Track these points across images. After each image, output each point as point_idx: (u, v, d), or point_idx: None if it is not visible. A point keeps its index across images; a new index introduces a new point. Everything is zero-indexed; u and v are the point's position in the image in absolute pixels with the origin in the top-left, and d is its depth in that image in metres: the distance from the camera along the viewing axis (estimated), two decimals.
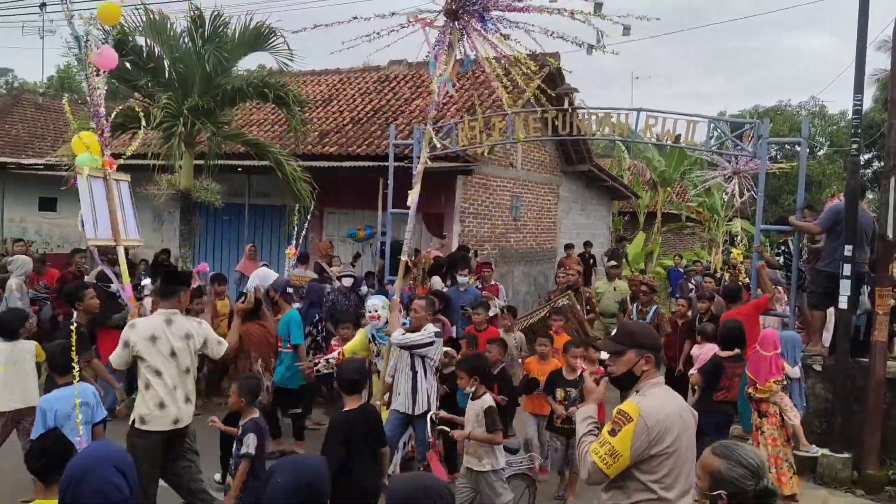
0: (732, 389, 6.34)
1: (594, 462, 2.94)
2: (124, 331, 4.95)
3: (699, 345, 7.36)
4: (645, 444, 2.90)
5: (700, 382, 6.50)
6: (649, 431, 2.89)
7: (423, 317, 6.03)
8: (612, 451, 2.91)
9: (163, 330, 4.91)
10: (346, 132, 13.86)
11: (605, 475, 2.93)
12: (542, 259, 15.71)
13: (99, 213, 5.48)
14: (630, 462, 2.91)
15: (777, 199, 29.50)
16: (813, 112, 34.75)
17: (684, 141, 9.14)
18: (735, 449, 2.48)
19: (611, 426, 2.97)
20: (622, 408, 2.99)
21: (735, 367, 6.35)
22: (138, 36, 10.72)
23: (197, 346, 5.10)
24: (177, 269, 6.04)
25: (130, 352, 4.87)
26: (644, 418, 2.90)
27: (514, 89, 13.50)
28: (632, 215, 23.34)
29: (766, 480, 2.39)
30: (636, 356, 3.11)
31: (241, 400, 4.89)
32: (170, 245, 13.53)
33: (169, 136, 10.03)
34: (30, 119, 22.24)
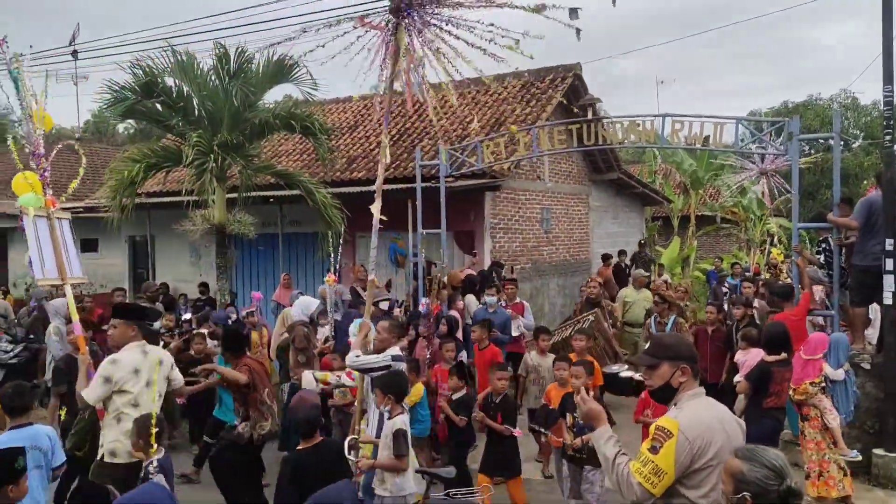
0: (782, 395, 6.17)
1: (640, 483, 2.86)
2: (104, 367, 4.89)
3: (743, 351, 7.16)
4: (688, 459, 2.84)
5: (748, 390, 6.32)
6: (691, 445, 2.83)
7: (387, 339, 5.78)
8: (657, 470, 2.84)
9: (141, 361, 4.98)
10: (373, 157, 14.00)
11: (652, 495, 2.86)
12: (577, 270, 15.60)
13: (45, 253, 5.49)
14: (675, 478, 2.85)
15: (814, 195, 28.94)
16: (845, 104, 34.10)
17: (713, 143, 9.04)
18: (758, 451, 2.47)
19: (651, 443, 2.90)
20: (661, 423, 2.93)
21: (783, 371, 6.19)
22: (167, 77, 11.02)
23: (167, 372, 5.18)
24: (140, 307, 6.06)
25: (111, 388, 4.84)
26: (684, 432, 2.84)
27: (537, 103, 13.56)
28: (665, 220, 23.08)
29: (789, 481, 2.36)
30: (671, 368, 3.05)
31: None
32: (207, 278, 13.75)
33: (201, 172, 10.25)
34: (67, 164, 22.88)
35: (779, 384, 6.14)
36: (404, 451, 4.88)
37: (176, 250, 15.66)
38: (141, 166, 10.75)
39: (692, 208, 20.77)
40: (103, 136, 38.30)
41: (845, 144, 29.37)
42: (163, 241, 15.80)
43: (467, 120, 13.96)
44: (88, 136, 34.74)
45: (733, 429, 3.02)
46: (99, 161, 22.57)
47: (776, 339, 6.28)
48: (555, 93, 13.71)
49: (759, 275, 15.87)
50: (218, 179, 10.68)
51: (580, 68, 14.24)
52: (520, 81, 14.51)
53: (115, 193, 10.74)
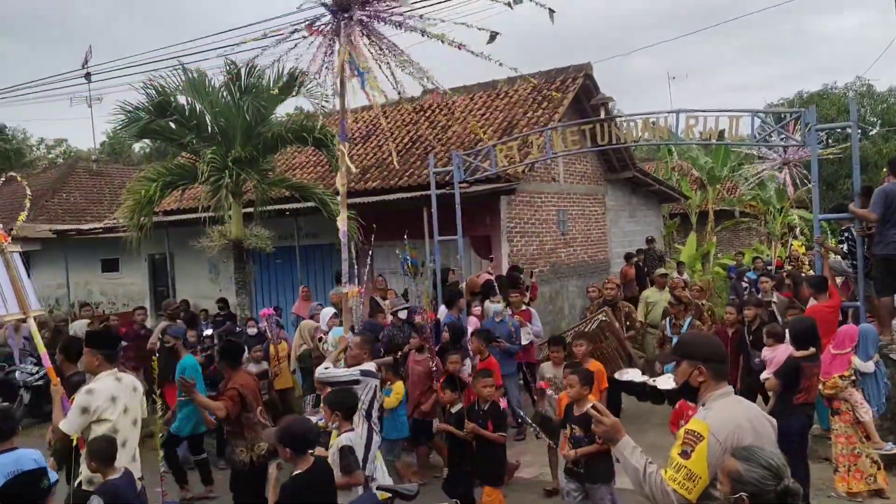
0: (811, 390, 6.08)
1: (675, 490, 2.81)
2: (82, 397, 4.82)
3: (770, 348, 7.02)
4: (720, 461, 2.78)
5: (777, 387, 6.22)
6: (722, 446, 2.79)
7: (359, 354, 5.73)
8: (690, 475, 2.79)
9: (117, 388, 4.94)
10: (386, 166, 14.02)
11: (689, 500, 2.81)
12: (596, 271, 15.50)
13: (5, 289, 5.43)
14: (709, 481, 2.80)
15: (834, 185, 28.59)
16: (860, 92, 33.68)
17: (729, 137, 8.94)
18: (755, 451, 2.46)
19: (681, 448, 2.86)
20: (691, 427, 2.89)
21: (812, 366, 6.09)
22: (179, 95, 11.10)
23: (141, 397, 5.17)
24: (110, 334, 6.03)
25: (90, 418, 4.79)
26: (714, 434, 2.81)
27: (549, 104, 13.51)
28: (683, 217, 22.89)
29: (787, 481, 2.34)
30: (689, 367, 3.06)
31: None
32: (227, 294, 13.82)
33: (216, 188, 10.30)
34: (85, 185, 23.18)
35: (808, 379, 6.04)
36: (354, 465, 4.80)
37: (195, 267, 15.77)
38: (157, 185, 10.82)
39: (710, 203, 20.58)
40: (119, 156, 38.75)
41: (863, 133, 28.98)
42: (182, 258, 15.92)
43: (479, 125, 13.94)
44: (105, 157, 35.15)
45: (763, 426, 2.97)
46: (116, 181, 22.85)
47: (804, 334, 6.18)
48: (566, 94, 13.66)
49: (782, 268, 15.68)
50: (233, 195, 10.72)
51: (591, 68, 14.17)
52: (531, 84, 14.47)
53: (132, 213, 10.81)
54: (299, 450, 4.29)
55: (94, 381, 5.01)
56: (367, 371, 5.60)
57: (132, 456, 4.94)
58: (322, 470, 4.39)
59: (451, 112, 14.93)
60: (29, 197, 7.12)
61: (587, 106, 14.15)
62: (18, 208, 20.66)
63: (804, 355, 6.10)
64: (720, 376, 3.05)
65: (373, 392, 5.60)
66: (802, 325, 6.34)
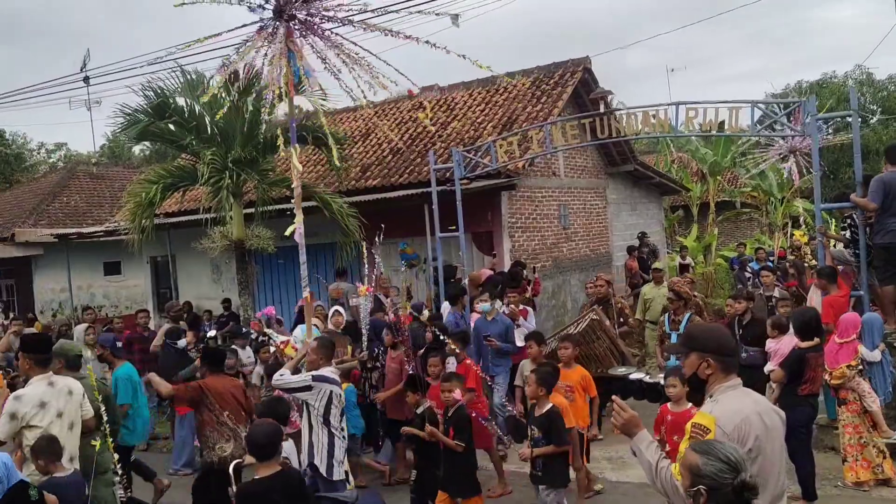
0: (817, 381, 6.09)
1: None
2: (10, 403, 4.87)
3: (774, 339, 7.02)
4: None
5: (783, 378, 6.21)
6: (729, 438, 2.79)
7: (316, 360, 5.70)
8: None
9: (48, 393, 4.97)
10: (386, 163, 14.01)
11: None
12: (598, 265, 15.49)
13: None
14: None
15: (836, 174, 28.52)
16: (860, 80, 33.60)
17: (728, 128, 8.92)
18: (714, 445, 2.47)
19: (689, 441, 2.85)
20: (697, 420, 2.91)
21: (817, 357, 6.09)
22: (178, 97, 11.09)
23: (80, 400, 5.18)
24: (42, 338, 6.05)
25: (19, 423, 4.84)
26: (721, 427, 2.81)
27: (548, 99, 13.49)
28: (685, 209, 22.87)
29: (744, 475, 2.34)
30: (697, 360, 3.05)
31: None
32: (230, 294, 13.83)
33: (217, 189, 10.30)
34: (86, 189, 23.19)
35: (813, 370, 6.04)
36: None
37: (197, 268, 15.77)
38: (158, 187, 10.82)
39: (711, 195, 20.56)
40: (120, 159, 38.75)
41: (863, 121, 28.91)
42: (184, 259, 15.92)
43: (479, 121, 13.93)
44: (105, 160, 35.16)
45: (772, 419, 2.97)
46: (117, 184, 22.86)
47: (808, 325, 6.18)
48: (565, 88, 13.63)
49: (785, 258, 15.66)
50: (234, 196, 10.72)
51: (590, 62, 14.15)
52: (529, 79, 14.44)
53: (133, 215, 10.82)
54: (260, 456, 4.20)
55: (26, 385, 5.06)
56: (320, 377, 5.56)
57: (68, 459, 4.95)
58: (285, 482, 4.21)
59: (451, 109, 14.91)
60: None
61: (587, 100, 14.12)
62: (20, 213, 20.74)
63: (809, 346, 6.09)
64: (729, 368, 3.05)
65: (327, 397, 5.53)
66: (806, 316, 6.34)
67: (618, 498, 6.46)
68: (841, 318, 6.68)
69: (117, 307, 19.45)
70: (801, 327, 6.21)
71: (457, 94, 15.35)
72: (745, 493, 2.33)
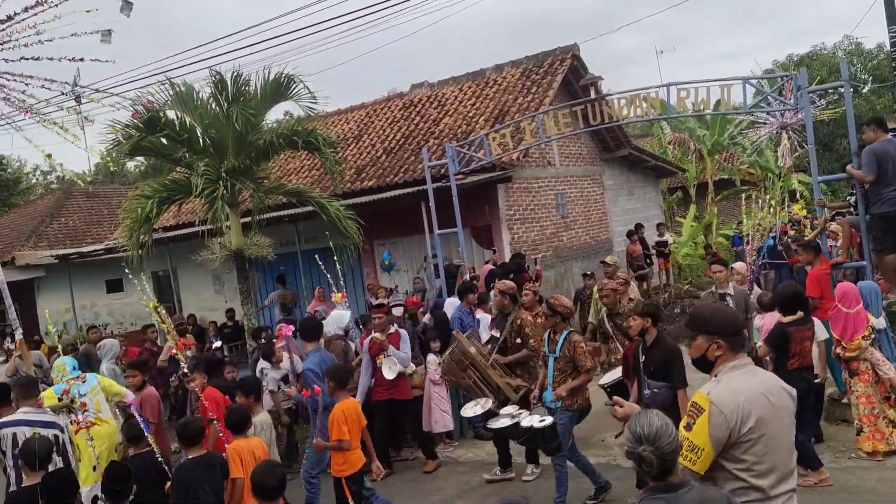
0: (805, 354, 6.08)
1: (680, 462, 2.81)
2: None
3: (760, 316, 7.10)
4: (725, 433, 2.78)
5: (768, 353, 6.25)
6: (726, 419, 2.78)
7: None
8: (693, 446, 2.80)
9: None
10: (381, 164, 13.98)
11: (695, 472, 2.81)
12: (599, 252, 15.47)
13: None
14: (715, 454, 2.80)
15: (831, 146, 28.45)
16: (850, 51, 33.49)
17: (722, 106, 8.89)
18: (638, 418, 2.64)
19: (686, 420, 2.87)
20: (694, 399, 2.90)
21: (803, 330, 6.09)
22: (168, 110, 11.05)
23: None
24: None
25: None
26: (718, 406, 2.80)
27: (538, 89, 13.45)
28: (683, 190, 22.82)
29: (645, 448, 2.53)
30: (706, 342, 3.01)
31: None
32: (233, 304, 13.81)
33: (212, 200, 10.26)
34: (83, 208, 23.18)
35: (799, 343, 6.06)
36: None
37: (199, 280, 15.77)
38: (153, 202, 10.78)
39: (709, 174, 20.50)
40: (115, 176, 38.73)
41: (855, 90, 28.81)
42: (185, 273, 15.92)
43: (470, 115, 13.89)
44: (100, 178, 35.15)
45: (781, 398, 2.93)
46: (114, 202, 22.84)
47: (788, 300, 6.24)
48: (555, 77, 13.60)
49: (786, 233, 15.62)
50: (230, 205, 10.68)
51: (578, 49, 14.11)
52: (518, 69, 14.41)
53: (131, 232, 10.79)
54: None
55: None
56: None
57: None
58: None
59: (442, 105, 14.88)
60: None
61: (577, 87, 14.09)
62: (19, 236, 20.70)
63: (791, 320, 6.10)
64: (737, 347, 3.01)
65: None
66: (786, 291, 6.41)
67: (632, 484, 6.44)
68: (839, 288, 6.67)
69: (122, 324, 19.44)
70: (782, 302, 6.27)
71: (447, 89, 15.32)
72: (642, 465, 2.56)
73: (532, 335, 7.04)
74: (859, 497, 5.73)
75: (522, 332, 7.10)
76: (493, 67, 14.96)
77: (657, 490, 2.59)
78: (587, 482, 6.30)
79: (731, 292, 7.60)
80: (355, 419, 5.81)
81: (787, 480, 2.88)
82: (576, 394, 6.21)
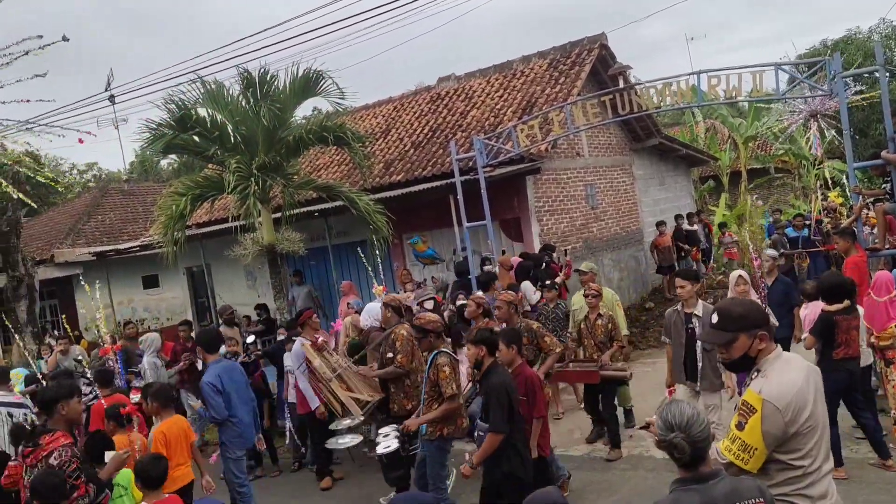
0: (851, 344, 5.98)
1: (731, 461, 2.82)
2: None
3: (804, 306, 7.01)
4: (781, 430, 2.76)
5: (814, 344, 6.14)
6: (782, 414, 2.76)
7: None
8: (745, 446, 2.79)
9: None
10: (409, 158, 14.03)
11: (746, 471, 2.80)
12: (630, 242, 15.37)
13: None
14: (768, 451, 2.79)
15: (866, 132, 27.83)
16: (886, 35, 32.65)
17: (755, 93, 8.76)
18: (669, 407, 2.66)
19: (737, 419, 2.85)
20: (745, 398, 2.86)
21: (849, 319, 5.99)
22: (199, 108, 11.21)
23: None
24: None
25: None
26: (772, 403, 2.77)
27: (566, 80, 13.37)
28: (715, 179, 22.52)
29: (677, 435, 2.55)
30: (748, 339, 2.94)
31: None
32: (265, 299, 14.00)
33: (244, 196, 10.41)
34: (119, 206, 23.65)
35: (845, 333, 5.96)
36: None
37: (232, 276, 16.00)
38: (187, 199, 10.97)
39: (742, 162, 20.19)
40: (149, 174, 39.39)
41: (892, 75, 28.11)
42: (218, 268, 16.16)
43: (498, 108, 13.87)
44: (135, 176, 35.78)
45: (818, 380, 2.94)
46: (149, 199, 23.27)
47: (833, 288, 6.14)
48: (583, 67, 13.50)
49: (821, 222, 15.34)
50: (261, 201, 10.84)
51: (606, 38, 13.99)
52: (546, 60, 14.33)
53: (166, 228, 10.99)
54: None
55: None
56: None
57: None
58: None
59: (470, 98, 14.87)
60: None
61: (605, 77, 13.98)
62: (57, 234, 21.20)
63: (837, 308, 6.01)
64: (773, 337, 3.00)
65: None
66: (831, 280, 6.32)
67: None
68: (876, 276, 6.58)
69: (158, 319, 19.83)
70: (826, 291, 6.18)
71: (474, 82, 15.31)
72: (674, 452, 2.58)
73: (401, 351, 6.63)
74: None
75: (394, 348, 6.72)
76: (520, 59, 14.90)
77: (688, 481, 2.59)
78: None
79: (699, 313, 6.22)
80: (179, 437, 5.74)
81: (829, 460, 2.90)
82: (442, 422, 5.65)
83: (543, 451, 5.50)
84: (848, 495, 4.65)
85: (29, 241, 20.14)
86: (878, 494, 5.57)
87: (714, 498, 2.52)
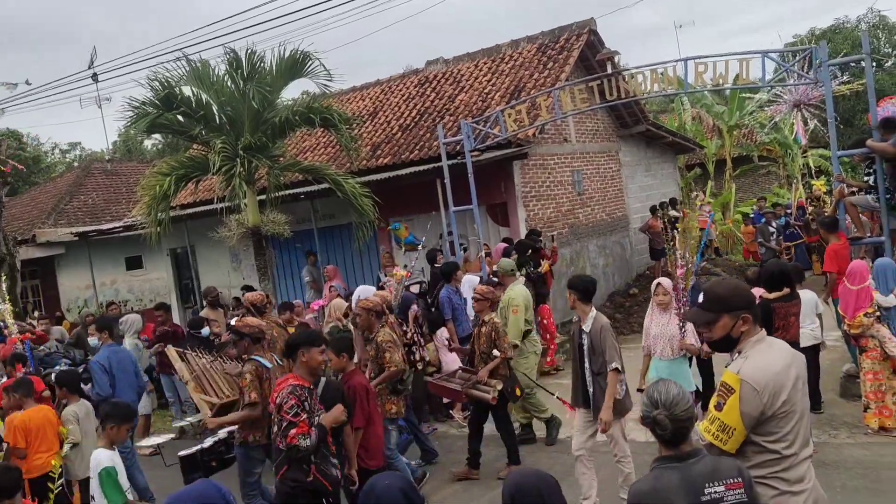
0: (790, 329, 6.07)
1: (710, 442, 2.84)
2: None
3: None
4: (758, 410, 2.78)
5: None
6: (760, 396, 2.77)
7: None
8: (724, 427, 2.81)
9: None
10: (396, 141, 13.97)
11: (725, 451, 2.82)
12: (615, 229, 15.42)
13: None
14: (746, 432, 2.81)
15: (851, 121, 28.04)
16: (873, 24, 32.84)
17: (741, 81, 8.78)
18: (656, 385, 2.72)
19: (716, 400, 2.87)
20: (724, 379, 2.88)
21: (788, 306, 6.07)
22: (184, 87, 11.10)
23: None
24: None
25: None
26: (750, 383, 2.78)
27: (555, 65, 13.35)
28: (701, 166, 22.63)
29: (661, 412, 2.61)
30: (731, 320, 2.96)
31: None
32: (250, 281, 13.95)
33: (229, 177, 10.35)
34: (102, 186, 23.40)
35: (783, 319, 6.05)
36: None
37: (217, 257, 15.91)
38: (171, 179, 10.89)
39: (727, 150, 20.28)
40: (133, 154, 38.98)
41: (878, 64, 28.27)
42: (203, 249, 16.06)
43: (486, 92, 13.83)
44: (118, 156, 35.39)
45: (800, 366, 2.96)
46: (132, 179, 23.04)
47: (772, 277, 6.25)
48: (571, 52, 13.47)
49: (805, 209, 15.48)
50: (247, 183, 10.77)
51: (594, 23, 13.95)
52: (534, 45, 14.29)
53: (149, 209, 10.91)
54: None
55: None
56: None
57: None
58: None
59: (458, 81, 14.81)
60: None
61: (593, 62, 13.96)
62: (39, 214, 20.96)
63: (777, 296, 6.09)
64: (757, 319, 3.01)
65: None
66: (772, 269, 6.43)
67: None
68: (851, 265, 6.68)
69: (141, 300, 19.70)
70: (766, 280, 6.28)
71: (462, 65, 15.24)
72: (657, 428, 2.63)
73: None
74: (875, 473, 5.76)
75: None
76: (508, 43, 14.84)
77: (669, 459, 2.64)
78: None
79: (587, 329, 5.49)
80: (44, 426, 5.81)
81: (808, 446, 2.92)
82: (247, 428, 5.58)
83: (366, 463, 5.23)
84: (826, 480, 4.72)
85: (11, 221, 19.91)
86: (855, 479, 5.66)
87: (693, 476, 2.57)
